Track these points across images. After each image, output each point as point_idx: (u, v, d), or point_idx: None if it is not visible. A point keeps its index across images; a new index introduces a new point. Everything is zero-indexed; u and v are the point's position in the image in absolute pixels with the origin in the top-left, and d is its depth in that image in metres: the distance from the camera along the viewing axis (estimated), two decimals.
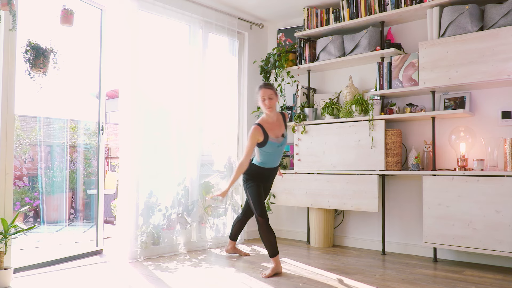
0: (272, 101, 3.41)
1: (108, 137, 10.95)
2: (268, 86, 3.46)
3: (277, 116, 3.51)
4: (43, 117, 3.85)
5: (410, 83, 3.84)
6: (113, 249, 3.91)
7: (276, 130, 3.45)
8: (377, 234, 4.28)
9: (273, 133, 3.43)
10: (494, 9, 3.43)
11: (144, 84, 3.97)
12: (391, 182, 4.20)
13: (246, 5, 4.64)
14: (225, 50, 4.75)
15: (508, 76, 3.27)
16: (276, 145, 3.44)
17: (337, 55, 4.34)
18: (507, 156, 3.34)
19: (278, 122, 3.49)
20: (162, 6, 4.08)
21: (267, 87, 3.45)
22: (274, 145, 3.43)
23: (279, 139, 3.45)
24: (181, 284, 3.01)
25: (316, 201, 4.30)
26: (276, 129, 3.46)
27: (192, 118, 4.29)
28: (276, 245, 3.37)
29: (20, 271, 3.21)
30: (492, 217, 3.29)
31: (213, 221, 4.47)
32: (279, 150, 3.49)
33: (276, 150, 3.47)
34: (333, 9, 4.39)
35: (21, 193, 4.65)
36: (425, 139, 3.95)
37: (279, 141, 3.45)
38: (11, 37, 3.09)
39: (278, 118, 3.52)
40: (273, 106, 3.42)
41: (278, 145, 3.45)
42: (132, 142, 3.78)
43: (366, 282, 3.07)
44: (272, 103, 3.42)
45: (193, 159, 4.27)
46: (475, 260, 3.68)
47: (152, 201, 3.98)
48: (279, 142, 3.45)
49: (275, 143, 3.43)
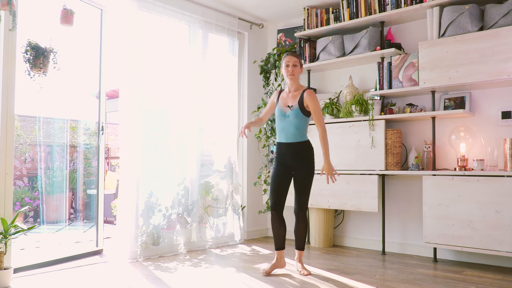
0: (296, 68, 3.28)
1: (108, 137, 10.95)
2: (294, 54, 3.33)
3: (297, 90, 3.32)
4: (43, 117, 3.84)
5: (410, 83, 3.84)
6: (113, 249, 3.91)
7: (287, 100, 3.33)
8: (377, 234, 4.28)
9: (283, 101, 3.34)
10: (494, 9, 3.43)
11: (144, 84, 3.97)
12: (391, 182, 4.20)
13: (246, 5, 4.64)
14: (225, 50, 4.75)
15: (508, 76, 3.27)
16: (281, 113, 3.30)
17: (337, 55, 4.34)
18: (507, 156, 3.34)
19: (294, 95, 3.31)
20: (162, 6, 4.08)
21: (293, 54, 3.33)
22: (280, 112, 3.31)
23: (285, 109, 3.29)
24: (181, 284, 3.01)
25: (316, 201, 4.30)
26: (289, 99, 3.32)
27: (192, 118, 4.29)
28: (283, 240, 3.36)
29: (20, 271, 3.21)
30: (492, 217, 3.29)
31: (213, 221, 4.47)
32: (286, 122, 3.27)
33: (282, 121, 3.29)
34: (333, 9, 4.39)
35: (21, 193, 4.65)
36: (425, 139, 3.95)
37: (285, 110, 3.29)
38: (11, 37, 3.09)
39: (297, 92, 3.31)
40: (296, 74, 3.29)
41: (283, 115, 3.29)
42: (132, 142, 3.78)
43: (366, 282, 3.07)
44: (296, 70, 3.29)
45: (193, 159, 4.27)
46: (475, 260, 3.68)
47: (152, 201, 3.98)
48: (284, 112, 3.29)
49: (281, 110, 3.31)
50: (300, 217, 3.34)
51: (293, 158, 3.28)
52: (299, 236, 3.36)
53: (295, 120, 3.25)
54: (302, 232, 3.36)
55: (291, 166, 3.30)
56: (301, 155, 3.28)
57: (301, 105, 3.25)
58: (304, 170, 3.27)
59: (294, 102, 3.28)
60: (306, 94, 3.25)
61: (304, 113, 3.26)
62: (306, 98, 3.24)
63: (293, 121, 3.25)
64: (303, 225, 3.35)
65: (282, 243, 3.36)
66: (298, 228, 3.35)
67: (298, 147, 3.27)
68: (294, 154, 3.28)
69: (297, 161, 3.27)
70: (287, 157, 3.29)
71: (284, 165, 3.31)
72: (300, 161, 3.27)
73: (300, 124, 3.26)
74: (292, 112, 3.26)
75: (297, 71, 3.30)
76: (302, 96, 3.26)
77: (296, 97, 3.29)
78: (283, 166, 3.31)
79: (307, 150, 3.29)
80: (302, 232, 3.36)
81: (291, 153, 3.28)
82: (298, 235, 3.36)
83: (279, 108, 3.33)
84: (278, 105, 3.35)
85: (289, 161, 3.29)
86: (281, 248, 3.36)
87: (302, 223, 3.34)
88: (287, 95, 3.35)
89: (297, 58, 3.32)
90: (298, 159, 3.27)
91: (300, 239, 3.37)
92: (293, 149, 3.27)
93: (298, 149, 3.27)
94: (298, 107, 3.25)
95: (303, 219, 3.34)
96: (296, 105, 3.26)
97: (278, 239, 3.35)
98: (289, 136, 3.27)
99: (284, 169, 3.31)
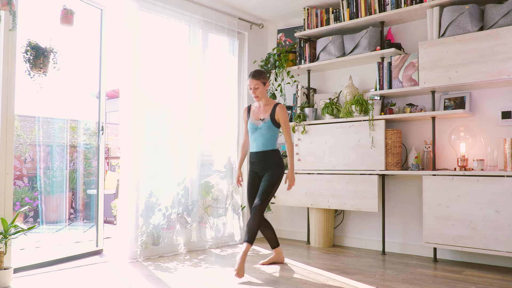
0: (257, 90, 3.46)
1: (108, 137, 10.95)
2: (254, 76, 3.47)
3: (267, 104, 3.53)
4: (43, 117, 3.84)
5: (410, 83, 3.85)
6: (113, 249, 3.91)
7: (259, 113, 3.53)
8: (377, 234, 4.28)
9: (255, 115, 3.54)
10: (494, 9, 3.43)
11: (144, 84, 3.97)
12: (391, 182, 4.20)
13: (246, 5, 4.64)
14: (225, 50, 4.75)
15: (508, 76, 3.27)
16: (254, 126, 3.51)
17: (337, 55, 4.34)
18: (507, 156, 3.34)
19: (265, 108, 3.52)
20: (162, 6, 4.08)
21: (253, 77, 3.47)
22: (252, 126, 3.52)
23: (257, 122, 3.50)
24: (181, 284, 3.01)
25: (316, 201, 4.30)
26: (260, 113, 3.53)
27: (192, 118, 4.29)
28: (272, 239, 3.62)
29: (20, 271, 3.21)
30: (492, 217, 3.29)
31: (213, 221, 4.47)
32: (257, 134, 3.49)
33: (254, 133, 3.51)
34: (333, 9, 4.39)
35: (21, 193, 4.65)
36: (425, 139, 3.95)
37: (257, 123, 3.50)
38: (11, 37, 3.09)
39: (267, 106, 3.52)
40: (259, 95, 3.48)
41: (255, 128, 3.50)
42: (132, 142, 3.78)
43: (366, 282, 3.07)
44: (258, 92, 3.46)
45: (193, 159, 4.27)
46: (475, 260, 3.68)
47: (152, 201, 3.98)
48: (256, 125, 3.50)
49: (253, 124, 3.51)
50: (256, 210, 3.30)
51: (261, 165, 3.50)
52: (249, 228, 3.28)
53: (266, 132, 3.47)
54: (253, 225, 3.28)
55: (259, 173, 3.52)
56: (268, 162, 3.48)
57: (272, 117, 3.48)
58: (269, 173, 3.45)
59: (266, 115, 3.50)
60: (278, 108, 3.48)
61: (275, 125, 3.49)
62: (278, 112, 3.47)
63: (264, 132, 3.48)
64: (255, 221, 3.27)
65: (273, 241, 3.64)
66: (250, 221, 3.30)
67: (266, 155, 3.49)
68: (261, 161, 3.49)
69: (264, 168, 3.49)
70: (256, 165, 3.53)
71: (254, 172, 3.55)
72: (267, 167, 3.48)
73: (270, 135, 3.49)
74: (264, 124, 3.48)
75: (260, 91, 3.47)
76: (274, 109, 3.49)
77: (267, 110, 3.51)
78: (254, 173, 3.55)
79: (274, 157, 3.49)
80: (253, 225, 3.27)
81: (259, 161, 3.51)
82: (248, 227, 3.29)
83: (251, 122, 3.54)
84: (250, 119, 3.56)
85: (258, 169, 3.52)
86: (274, 247, 3.65)
87: (255, 218, 3.28)
88: (258, 109, 3.56)
89: (257, 80, 3.46)
90: (265, 166, 3.48)
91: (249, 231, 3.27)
92: (261, 157, 3.50)
93: (265, 157, 3.48)
94: (270, 119, 3.48)
95: (259, 215, 3.29)
96: (268, 117, 3.49)
97: (268, 240, 3.65)
98: (259, 145, 3.50)
99: (255, 176, 3.55)
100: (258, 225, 3.30)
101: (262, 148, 3.49)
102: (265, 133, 3.47)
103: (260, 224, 3.33)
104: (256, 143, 3.52)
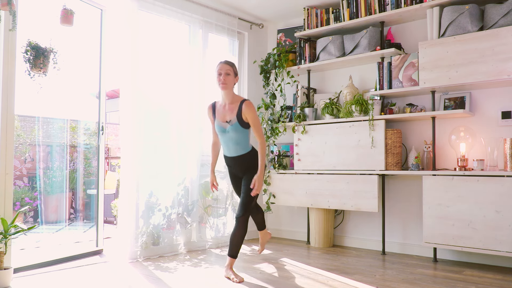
0: (228, 77, 3.14)
1: (108, 137, 10.95)
2: (227, 62, 3.21)
3: (233, 102, 3.20)
4: (43, 117, 3.85)
5: (410, 83, 3.85)
6: (113, 249, 3.91)
7: (225, 114, 3.21)
8: (377, 234, 4.28)
9: (220, 116, 3.23)
10: (494, 9, 3.43)
11: (144, 84, 3.97)
12: (391, 182, 4.20)
13: (246, 5, 4.64)
14: (225, 50, 4.75)
15: (508, 76, 3.27)
16: (221, 129, 3.21)
17: (337, 55, 4.34)
18: (507, 156, 3.34)
19: (231, 107, 3.20)
20: (162, 6, 4.08)
21: (226, 62, 3.21)
22: (219, 128, 3.23)
23: (224, 124, 3.20)
24: (181, 284, 3.01)
25: (316, 201, 4.30)
26: (226, 113, 3.20)
27: (192, 118, 4.29)
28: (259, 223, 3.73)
29: (20, 271, 3.21)
30: (492, 217, 3.29)
31: (213, 221, 4.47)
32: (226, 137, 3.22)
33: (223, 135, 3.24)
34: (333, 9, 4.39)
35: (21, 193, 4.65)
36: (425, 139, 3.95)
37: (224, 126, 3.20)
38: (11, 37, 3.09)
39: (233, 104, 3.20)
40: (228, 82, 3.15)
41: (223, 130, 3.20)
42: (133, 142, 3.78)
43: (366, 282, 3.07)
44: (228, 79, 3.14)
45: (193, 159, 4.27)
46: (475, 260, 3.68)
47: (152, 201, 3.98)
48: (223, 127, 3.20)
49: (220, 127, 3.22)
50: (240, 222, 3.12)
51: (240, 169, 3.34)
52: (234, 241, 3.13)
53: (235, 135, 3.19)
54: (238, 238, 3.13)
55: (239, 175, 3.39)
56: (245, 165, 3.29)
57: (239, 118, 3.16)
58: (249, 177, 3.24)
59: (232, 117, 3.18)
60: (244, 106, 3.14)
61: (243, 126, 3.18)
62: (244, 111, 3.14)
63: (233, 135, 3.20)
64: (240, 232, 3.13)
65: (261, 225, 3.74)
66: (235, 234, 3.13)
67: (242, 159, 3.28)
68: (239, 166, 3.32)
69: (243, 170, 3.32)
70: (234, 169, 3.39)
71: (233, 174, 3.43)
72: (245, 170, 3.29)
73: (241, 137, 3.21)
74: (231, 127, 3.18)
75: (229, 79, 3.16)
76: (240, 108, 3.16)
77: (233, 110, 3.18)
78: (233, 175, 3.45)
79: (251, 159, 3.27)
80: (238, 239, 3.13)
81: (236, 166, 3.34)
82: (233, 241, 3.13)
83: (218, 124, 3.24)
84: (216, 120, 3.26)
85: (237, 171, 3.38)
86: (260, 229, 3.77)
87: (240, 230, 3.12)
88: (224, 109, 3.23)
89: (230, 66, 3.20)
90: (243, 169, 3.31)
91: (234, 245, 3.14)
92: (237, 162, 3.31)
93: (241, 161, 3.29)
94: (237, 121, 3.16)
95: (243, 226, 3.12)
96: (235, 119, 3.17)
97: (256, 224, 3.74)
98: (231, 150, 3.28)
99: (235, 177, 3.44)
100: (242, 237, 3.14)
101: (235, 153, 3.26)
102: (234, 137, 3.19)
103: (244, 235, 3.15)
104: (228, 147, 3.27)
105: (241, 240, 3.15)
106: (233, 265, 3.20)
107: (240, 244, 3.16)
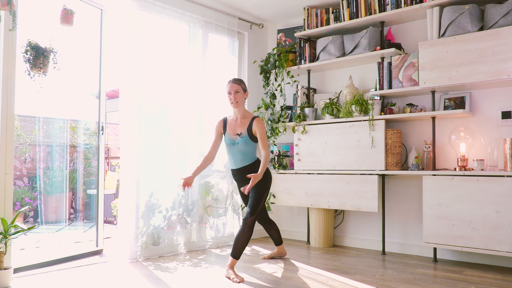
0: (238, 95, 3.38)
1: (108, 137, 10.96)
2: (235, 81, 3.43)
3: (244, 117, 3.44)
4: (43, 117, 3.84)
5: (410, 83, 3.85)
6: (113, 249, 3.91)
7: (236, 128, 3.43)
8: (377, 234, 4.28)
9: (231, 129, 3.45)
10: (494, 9, 3.43)
11: (144, 84, 3.97)
12: (391, 182, 4.20)
13: (246, 5, 4.64)
14: (225, 50, 4.75)
15: (508, 76, 3.27)
16: (231, 141, 3.42)
17: (337, 55, 4.34)
18: (507, 156, 3.34)
19: (243, 122, 3.42)
20: (162, 6, 4.08)
21: (235, 81, 3.43)
22: (229, 140, 3.43)
23: (235, 137, 3.41)
24: (181, 284, 3.01)
25: (316, 201, 4.30)
26: (237, 127, 3.43)
27: (192, 118, 4.29)
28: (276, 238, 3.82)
29: (20, 271, 3.21)
30: (492, 217, 3.29)
31: (213, 221, 4.47)
32: (235, 150, 3.42)
33: (232, 148, 3.44)
34: (333, 9, 4.39)
35: (21, 193, 4.65)
36: (425, 139, 3.95)
37: (234, 139, 3.41)
38: (11, 37, 3.09)
39: (245, 119, 3.43)
40: (239, 100, 3.39)
41: (233, 143, 3.41)
42: (133, 142, 3.78)
43: (366, 282, 3.07)
44: (238, 97, 3.38)
45: (193, 159, 4.27)
46: (475, 260, 3.68)
47: (152, 202, 3.98)
48: (233, 140, 3.41)
49: (230, 139, 3.43)
50: (247, 223, 3.21)
51: (245, 181, 3.44)
52: (238, 243, 3.19)
53: (244, 147, 3.41)
54: (242, 242, 3.19)
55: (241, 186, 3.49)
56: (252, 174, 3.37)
57: (249, 132, 3.39)
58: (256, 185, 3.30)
59: (243, 130, 3.40)
60: (255, 122, 3.39)
61: (252, 139, 3.41)
62: (254, 125, 3.38)
63: (242, 147, 3.41)
64: (245, 237, 3.19)
65: (277, 240, 3.83)
66: (239, 237, 3.19)
67: (248, 169, 3.44)
68: (245, 177, 3.41)
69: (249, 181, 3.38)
70: (241, 181, 3.51)
71: (241, 186, 3.49)
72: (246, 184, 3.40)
73: (248, 149, 3.43)
74: (241, 139, 3.39)
75: (240, 97, 3.39)
76: (251, 123, 3.40)
77: (245, 124, 3.42)
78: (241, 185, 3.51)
79: (256, 168, 3.42)
80: (243, 242, 3.19)
81: (243, 177, 3.46)
82: (237, 243, 3.20)
83: (228, 137, 3.45)
84: (227, 133, 3.46)
85: (244, 182, 3.45)
86: (278, 244, 3.85)
87: (245, 234, 3.19)
88: (235, 122, 3.46)
89: (238, 85, 3.41)
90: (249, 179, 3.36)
91: (237, 247, 3.20)
92: (242, 173, 3.46)
93: (247, 171, 3.43)
94: (247, 134, 3.39)
95: (248, 228, 3.20)
96: (245, 132, 3.39)
97: (272, 239, 3.85)
98: (238, 162, 3.46)
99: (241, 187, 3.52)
100: (247, 240, 3.20)
101: (241, 164, 3.44)
102: (242, 149, 3.40)
103: (248, 240, 3.21)
104: (234, 159, 3.45)
105: (245, 244, 3.23)
106: (234, 266, 3.22)
107: (244, 247, 3.23)
